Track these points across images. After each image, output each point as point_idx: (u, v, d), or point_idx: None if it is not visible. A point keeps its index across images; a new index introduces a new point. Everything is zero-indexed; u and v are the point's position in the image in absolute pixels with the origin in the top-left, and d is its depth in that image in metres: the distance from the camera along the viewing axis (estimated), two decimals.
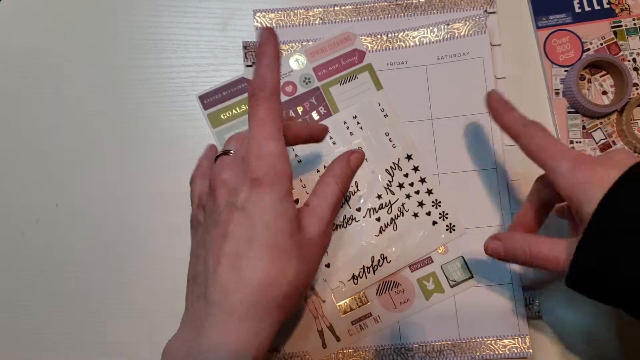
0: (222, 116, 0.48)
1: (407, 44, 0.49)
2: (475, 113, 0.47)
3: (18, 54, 0.51)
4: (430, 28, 0.49)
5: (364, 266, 0.46)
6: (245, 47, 0.49)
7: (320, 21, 0.49)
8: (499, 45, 0.49)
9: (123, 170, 0.49)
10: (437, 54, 0.48)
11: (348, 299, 0.46)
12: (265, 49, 0.34)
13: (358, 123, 0.48)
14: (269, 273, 0.31)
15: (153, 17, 0.51)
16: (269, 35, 0.34)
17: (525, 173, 0.47)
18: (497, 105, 0.40)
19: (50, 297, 0.47)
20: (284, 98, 0.48)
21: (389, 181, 0.47)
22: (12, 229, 0.48)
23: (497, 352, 0.44)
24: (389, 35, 0.49)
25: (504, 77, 0.48)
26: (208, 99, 0.49)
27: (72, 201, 0.48)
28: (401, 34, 0.49)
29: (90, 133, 0.49)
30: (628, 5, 0.49)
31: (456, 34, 0.48)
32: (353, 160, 0.39)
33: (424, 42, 0.48)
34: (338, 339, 0.45)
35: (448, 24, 0.48)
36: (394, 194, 0.47)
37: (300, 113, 0.48)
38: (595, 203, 0.31)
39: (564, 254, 0.33)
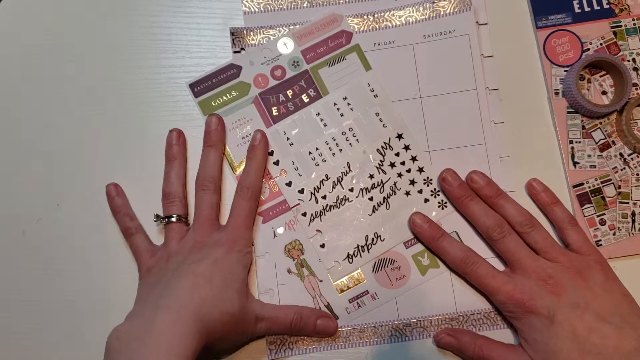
0: (212, 103, 0.49)
1: (394, 24, 0.49)
2: (463, 90, 0.48)
3: (18, 53, 0.51)
4: (416, 7, 0.49)
5: (358, 245, 0.46)
6: (232, 34, 0.49)
7: (308, 4, 0.50)
8: (486, 24, 0.49)
9: (123, 170, 0.49)
10: (424, 32, 0.49)
11: (344, 278, 0.46)
12: (256, 153, 0.46)
13: (348, 104, 0.48)
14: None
15: (153, 17, 0.51)
16: (260, 139, 0.47)
17: (514, 149, 0.48)
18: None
19: (50, 297, 0.47)
20: (273, 82, 0.49)
21: (381, 161, 0.48)
22: (13, 228, 0.48)
23: (495, 324, 0.45)
24: (375, 15, 0.49)
25: (491, 56, 0.49)
26: (198, 87, 0.49)
27: (73, 201, 0.49)
28: (387, 13, 0.49)
29: (90, 133, 0.49)
30: (628, 5, 0.49)
31: (441, 12, 0.49)
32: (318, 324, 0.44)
33: (410, 21, 0.49)
34: (336, 318, 0.45)
35: (433, 2, 0.49)
36: (385, 173, 0.47)
37: (290, 97, 0.49)
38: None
39: None
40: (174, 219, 0.46)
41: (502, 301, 0.42)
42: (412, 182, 0.47)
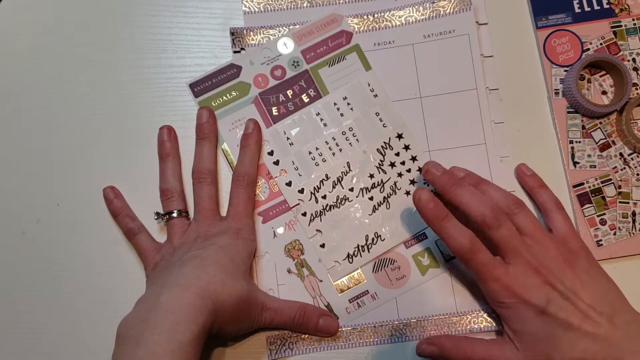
0: (212, 103, 0.49)
1: (394, 24, 0.49)
2: (463, 90, 0.48)
3: (18, 53, 0.51)
4: (416, 7, 0.49)
5: (358, 245, 0.46)
6: (232, 34, 0.49)
7: (308, 4, 0.50)
8: (486, 24, 0.49)
9: (123, 170, 0.49)
10: (424, 32, 0.49)
11: (344, 278, 0.46)
12: (249, 141, 0.47)
13: (348, 104, 0.48)
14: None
15: (153, 17, 0.51)
16: (253, 127, 0.47)
17: (514, 149, 0.48)
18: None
19: (50, 297, 0.47)
20: (273, 82, 0.49)
21: (381, 160, 0.48)
22: (13, 228, 0.48)
23: (495, 324, 0.45)
24: (375, 15, 0.49)
25: (491, 56, 0.49)
26: (198, 87, 0.49)
27: (73, 201, 0.48)
28: (387, 13, 0.49)
29: (90, 133, 0.49)
30: (628, 5, 0.49)
31: (441, 12, 0.49)
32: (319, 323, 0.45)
33: (410, 21, 0.49)
34: (336, 317, 0.45)
35: (433, 2, 0.49)
36: (385, 173, 0.47)
37: (290, 96, 0.49)
38: None
39: (503, 357, 0.40)
40: (174, 215, 0.46)
41: (495, 290, 0.40)
42: (412, 182, 0.47)
